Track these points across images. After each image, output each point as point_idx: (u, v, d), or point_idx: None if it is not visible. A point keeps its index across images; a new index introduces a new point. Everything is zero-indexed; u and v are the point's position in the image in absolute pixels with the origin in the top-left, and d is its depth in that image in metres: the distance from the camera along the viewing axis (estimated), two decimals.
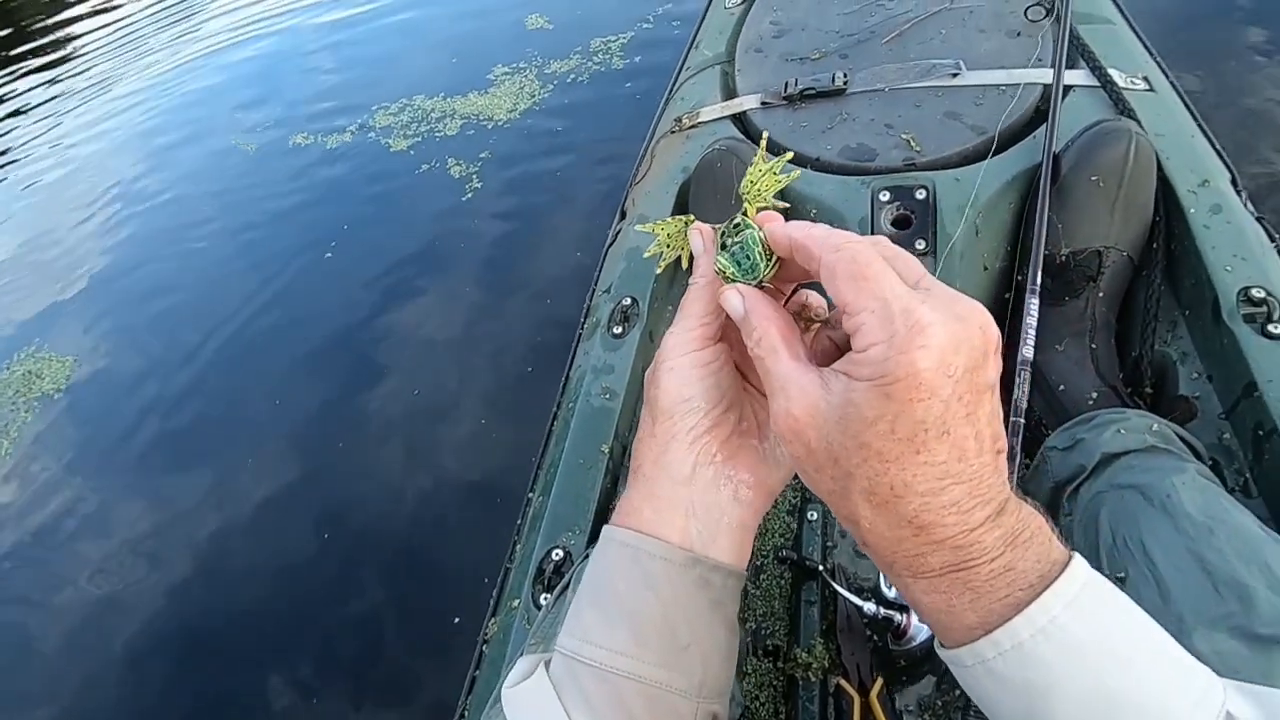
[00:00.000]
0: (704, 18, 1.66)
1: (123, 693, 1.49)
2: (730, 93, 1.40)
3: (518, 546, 0.96)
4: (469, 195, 2.30)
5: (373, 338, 1.98)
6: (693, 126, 1.33)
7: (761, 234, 0.39)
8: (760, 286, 0.39)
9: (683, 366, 0.40)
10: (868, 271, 0.31)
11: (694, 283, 0.42)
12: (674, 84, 1.52)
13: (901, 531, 0.32)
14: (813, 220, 0.72)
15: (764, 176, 0.41)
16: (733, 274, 0.39)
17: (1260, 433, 0.79)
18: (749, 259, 0.39)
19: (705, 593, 0.40)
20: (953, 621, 0.33)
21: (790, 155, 0.44)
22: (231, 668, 1.47)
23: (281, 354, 2.03)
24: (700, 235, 0.43)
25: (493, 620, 0.89)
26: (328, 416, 1.82)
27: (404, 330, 1.98)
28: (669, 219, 0.45)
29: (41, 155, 3.53)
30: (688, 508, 0.40)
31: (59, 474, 1.94)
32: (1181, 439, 0.78)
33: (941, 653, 0.36)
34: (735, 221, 0.40)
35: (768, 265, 0.38)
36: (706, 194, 1.12)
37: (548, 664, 0.41)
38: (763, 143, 0.44)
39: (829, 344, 0.40)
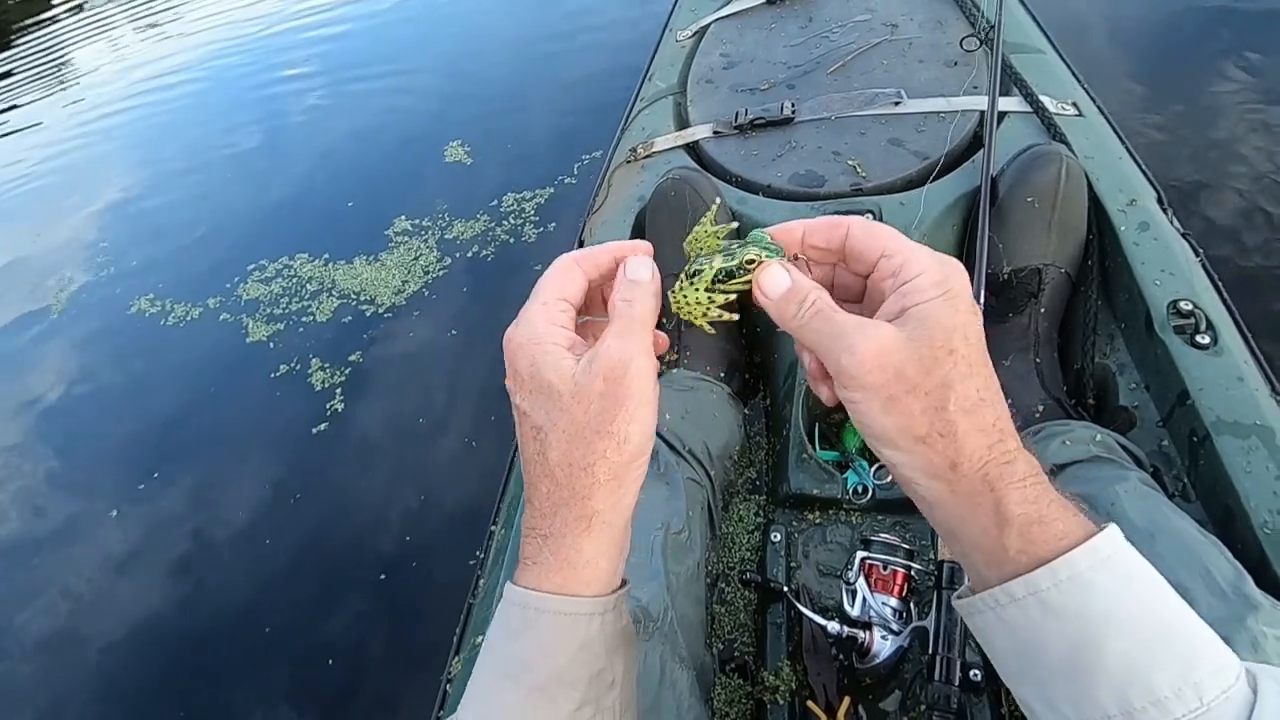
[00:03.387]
0: (656, 50, 1.70)
1: (97, 709, 1.44)
2: (683, 122, 1.43)
3: (481, 581, 0.95)
4: (324, 425, 1.76)
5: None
6: (647, 156, 1.35)
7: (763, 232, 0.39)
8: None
9: (653, 396, 0.36)
10: (881, 229, 0.38)
11: (636, 301, 0.37)
12: (628, 115, 1.55)
13: (991, 436, 0.34)
14: None
15: (708, 237, 0.41)
16: (753, 258, 0.38)
17: (1195, 439, 0.82)
18: (767, 249, 0.38)
19: (621, 621, 0.39)
20: (1044, 533, 0.33)
21: (735, 225, 0.43)
22: (206, 687, 1.42)
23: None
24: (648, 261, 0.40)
25: (456, 659, 0.88)
26: None
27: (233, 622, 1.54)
28: (707, 228, 0.41)
29: None
30: (622, 548, 0.38)
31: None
32: (1124, 448, 0.82)
33: (978, 598, 0.35)
34: (729, 249, 0.39)
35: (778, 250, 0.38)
36: (662, 222, 1.14)
37: None
38: (713, 208, 0.43)
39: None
